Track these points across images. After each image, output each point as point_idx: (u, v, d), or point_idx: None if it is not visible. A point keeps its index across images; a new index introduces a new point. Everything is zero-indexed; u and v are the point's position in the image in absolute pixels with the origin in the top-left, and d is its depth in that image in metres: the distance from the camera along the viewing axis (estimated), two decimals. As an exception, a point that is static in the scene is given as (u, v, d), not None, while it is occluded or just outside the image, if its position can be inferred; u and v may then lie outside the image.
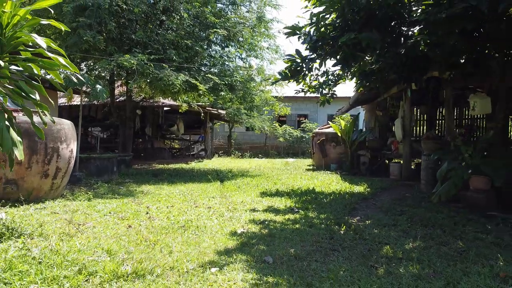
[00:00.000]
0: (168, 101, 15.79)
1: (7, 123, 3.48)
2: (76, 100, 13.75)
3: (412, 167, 9.55)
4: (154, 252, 3.06)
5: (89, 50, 8.65)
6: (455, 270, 2.84)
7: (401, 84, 7.12)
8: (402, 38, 4.44)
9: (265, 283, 2.53)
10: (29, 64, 3.71)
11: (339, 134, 11.26)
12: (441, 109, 10.84)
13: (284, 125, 21.72)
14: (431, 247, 3.45)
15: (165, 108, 17.45)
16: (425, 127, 11.37)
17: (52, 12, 4.73)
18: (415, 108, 10.88)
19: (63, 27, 3.87)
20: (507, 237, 3.72)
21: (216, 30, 9.65)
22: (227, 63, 10.42)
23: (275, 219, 4.56)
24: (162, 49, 9.22)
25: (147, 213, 4.76)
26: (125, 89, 12.32)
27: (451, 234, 3.89)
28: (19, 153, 3.47)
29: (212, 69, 9.98)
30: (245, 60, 11.27)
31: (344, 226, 4.18)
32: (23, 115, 4.69)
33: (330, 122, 13.28)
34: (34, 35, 3.53)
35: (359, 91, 8.40)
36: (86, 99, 11.46)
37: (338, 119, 14.03)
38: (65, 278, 2.41)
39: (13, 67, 3.69)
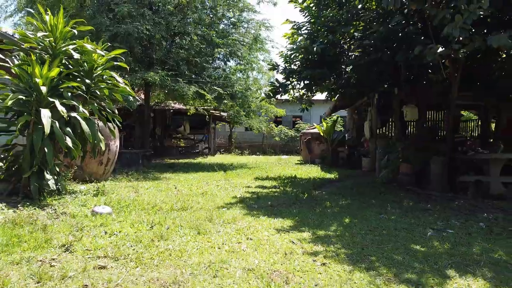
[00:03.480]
0: (176, 105, 18.05)
1: (96, 127, 5.70)
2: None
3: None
4: (189, 202, 5.29)
5: (119, 68, 10.86)
6: (358, 211, 5.08)
7: (366, 95, 9.36)
8: (343, 73, 6.66)
9: (251, 213, 4.77)
10: (103, 89, 5.95)
11: (322, 134, 13.49)
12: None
13: (280, 126, 23.93)
14: (354, 203, 5.69)
15: (171, 110, 19.72)
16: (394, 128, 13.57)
17: (124, 59, 6.54)
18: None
19: (127, 67, 6.11)
20: (401, 198, 5.96)
21: (219, 49, 11.88)
22: (229, 76, 12.63)
23: (262, 191, 6.81)
24: (176, 65, 11.44)
25: (175, 188, 6.99)
26: (141, 95, 14.54)
27: (372, 198, 6.13)
28: (103, 144, 5.70)
29: (216, 81, 12.19)
30: (243, 72, 13.52)
31: (307, 194, 6.41)
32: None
33: (315, 124, 15.51)
34: (113, 73, 5.76)
35: (333, 99, 10.61)
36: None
37: (324, 121, 16.23)
38: (147, 209, 4.65)
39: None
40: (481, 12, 4.61)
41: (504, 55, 6.69)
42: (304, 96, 9.46)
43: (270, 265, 2.84)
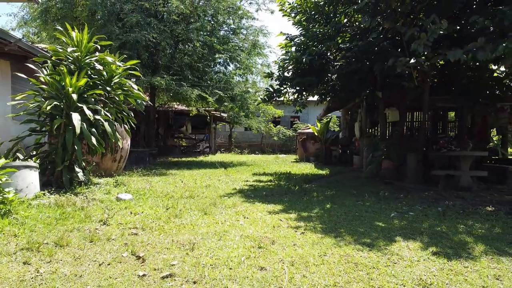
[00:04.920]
0: (178, 106, 18.94)
1: (114, 128, 6.57)
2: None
3: (369, 158, 12.66)
4: (195, 192, 6.18)
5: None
6: (339, 199, 5.97)
7: (353, 99, 10.26)
8: (329, 80, 7.56)
9: (248, 200, 5.66)
10: (119, 94, 6.81)
11: (316, 134, 14.38)
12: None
13: (278, 126, 24.84)
14: (338, 194, 6.57)
15: (173, 111, 20.62)
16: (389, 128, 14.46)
17: (138, 69, 7.12)
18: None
19: (140, 75, 6.98)
20: (380, 189, 6.85)
21: (220, 54, 12.78)
22: (229, 79, 13.54)
23: (258, 184, 7.70)
24: (180, 70, 12.32)
25: (182, 181, 7.88)
26: (146, 97, 15.45)
27: (354, 189, 7.02)
28: (120, 143, 6.58)
29: (217, 84, 13.09)
30: (242, 76, 14.43)
31: (298, 187, 7.30)
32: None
33: (309, 125, 16.41)
34: (129, 81, 6.64)
35: (324, 102, 11.50)
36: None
37: (318, 122, 17.11)
38: (161, 196, 5.54)
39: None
40: (441, 31, 5.50)
41: (474, 67, 7.58)
42: (298, 99, 10.36)
43: (262, 234, 3.73)
